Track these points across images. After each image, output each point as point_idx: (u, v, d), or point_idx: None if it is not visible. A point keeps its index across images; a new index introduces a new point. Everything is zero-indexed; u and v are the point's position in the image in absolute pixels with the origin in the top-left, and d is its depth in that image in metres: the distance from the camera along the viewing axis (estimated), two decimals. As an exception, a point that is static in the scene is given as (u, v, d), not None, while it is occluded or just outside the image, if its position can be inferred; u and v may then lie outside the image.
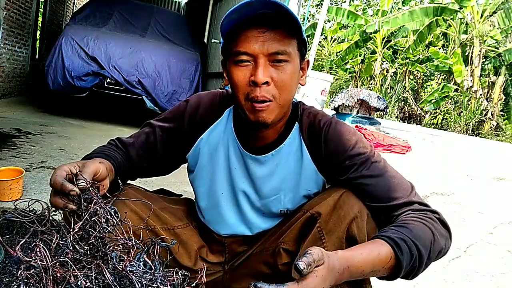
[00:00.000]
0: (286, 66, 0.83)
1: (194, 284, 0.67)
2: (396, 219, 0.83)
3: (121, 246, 0.64)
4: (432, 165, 5.14)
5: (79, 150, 3.23)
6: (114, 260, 0.62)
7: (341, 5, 20.91)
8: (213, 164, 1.00)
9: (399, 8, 18.50)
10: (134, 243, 0.65)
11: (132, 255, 0.64)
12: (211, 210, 1.03)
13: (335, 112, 8.31)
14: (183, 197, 1.18)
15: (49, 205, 0.70)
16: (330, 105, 8.50)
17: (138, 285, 0.59)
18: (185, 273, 0.67)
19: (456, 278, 1.86)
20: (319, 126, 0.93)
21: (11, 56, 5.83)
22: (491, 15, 13.56)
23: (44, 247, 0.59)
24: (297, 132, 0.96)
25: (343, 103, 8.09)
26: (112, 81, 4.75)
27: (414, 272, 0.78)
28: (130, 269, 0.61)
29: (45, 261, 0.58)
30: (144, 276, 0.62)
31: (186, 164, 1.08)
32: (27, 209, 0.68)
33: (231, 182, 0.99)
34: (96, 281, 0.59)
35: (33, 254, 0.59)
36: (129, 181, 1.03)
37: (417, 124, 18.11)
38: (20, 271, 0.58)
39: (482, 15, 14.06)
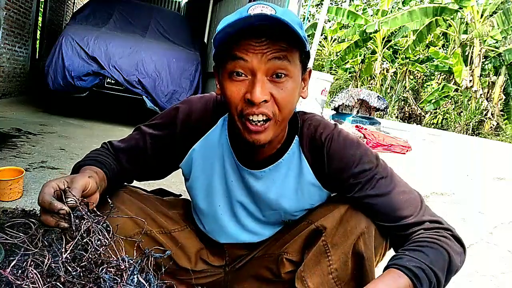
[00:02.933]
0: (286, 82, 0.75)
1: None
2: (408, 240, 0.80)
3: (114, 268, 0.62)
4: (432, 165, 5.14)
5: (79, 150, 3.23)
6: (107, 283, 0.60)
7: (341, 5, 20.91)
8: (208, 176, 0.95)
9: (399, 8, 18.49)
10: (127, 264, 0.63)
11: (125, 278, 0.62)
12: (210, 221, 1.01)
13: (335, 112, 8.31)
14: (181, 197, 1.18)
15: (39, 224, 0.67)
16: (330, 105, 8.50)
17: None
18: None
19: (456, 278, 1.86)
20: (321, 140, 0.87)
21: (11, 56, 5.83)
22: (491, 15, 13.55)
23: (35, 271, 0.57)
24: (296, 146, 0.90)
25: (343, 103, 8.08)
26: (112, 81, 4.75)
27: None
28: None
29: (37, 284, 0.56)
30: None
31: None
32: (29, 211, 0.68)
33: (228, 194, 0.96)
34: None
35: (24, 276, 0.57)
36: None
37: (417, 124, 18.11)
38: None
39: (482, 15, 14.06)
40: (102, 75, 4.67)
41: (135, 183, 1.07)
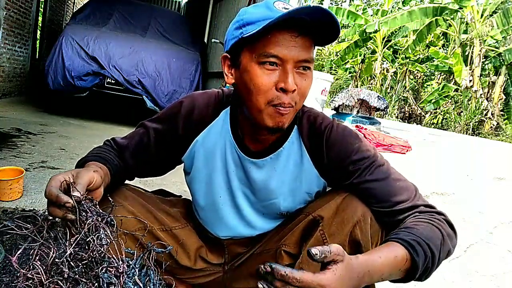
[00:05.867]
0: (309, 73, 0.82)
1: None
2: (403, 222, 0.82)
3: (113, 268, 0.64)
4: (432, 165, 5.14)
5: (79, 150, 3.23)
6: (105, 283, 0.61)
7: (341, 5, 20.89)
8: (209, 167, 0.97)
9: (399, 8, 18.49)
10: (126, 265, 0.64)
11: (122, 281, 0.63)
12: (209, 214, 1.02)
13: (335, 112, 8.31)
14: (182, 198, 1.18)
15: (47, 215, 0.69)
16: (330, 105, 8.50)
17: None
18: None
19: (456, 278, 1.86)
20: (320, 129, 0.91)
21: (11, 56, 5.83)
22: (491, 15, 13.55)
23: (39, 263, 0.59)
24: (296, 135, 0.94)
25: (343, 103, 8.08)
26: (112, 81, 4.75)
27: (427, 273, 0.78)
28: None
29: (41, 275, 0.58)
30: None
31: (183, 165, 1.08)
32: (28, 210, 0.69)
33: (229, 186, 0.97)
34: None
35: (28, 267, 0.59)
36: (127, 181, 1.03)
37: (417, 124, 18.10)
38: (17, 281, 0.58)
39: (482, 15, 14.05)
40: (102, 75, 4.67)
41: (136, 182, 1.07)
